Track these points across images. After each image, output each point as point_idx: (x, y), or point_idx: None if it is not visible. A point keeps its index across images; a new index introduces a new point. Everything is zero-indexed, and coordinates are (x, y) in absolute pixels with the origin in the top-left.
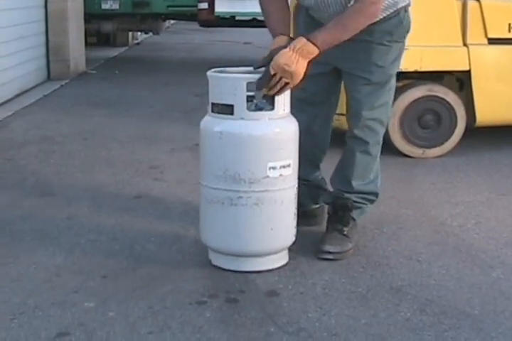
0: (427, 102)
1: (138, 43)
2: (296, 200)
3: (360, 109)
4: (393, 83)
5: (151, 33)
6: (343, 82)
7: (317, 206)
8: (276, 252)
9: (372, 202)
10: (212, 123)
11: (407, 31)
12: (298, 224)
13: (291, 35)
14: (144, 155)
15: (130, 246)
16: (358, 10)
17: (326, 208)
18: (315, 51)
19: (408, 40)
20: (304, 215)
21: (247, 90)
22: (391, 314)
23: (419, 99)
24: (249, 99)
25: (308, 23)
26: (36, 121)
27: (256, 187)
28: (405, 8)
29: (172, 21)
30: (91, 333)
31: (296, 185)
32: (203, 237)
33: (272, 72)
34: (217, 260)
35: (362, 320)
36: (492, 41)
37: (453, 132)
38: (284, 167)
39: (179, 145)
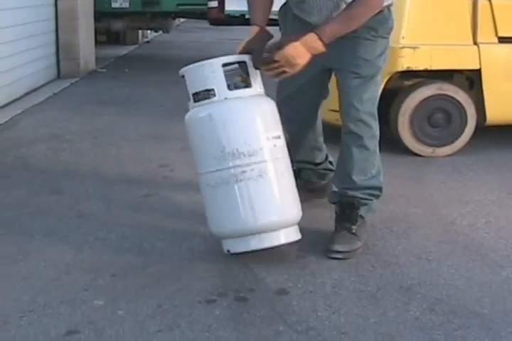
0: (437, 101)
1: (148, 41)
2: (292, 174)
3: (352, 103)
4: (379, 78)
5: (160, 32)
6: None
7: (325, 182)
8: (290, 224)
9: (377, 197)
10: (197, 111)
11: (391, 28)
12: (307, 200)
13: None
14: (154, 153)
15: (139, 245)
16: (362, 2)
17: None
18: (321, 48)
19: (418, 39)
20: (312, 191)
21: (224, 73)
22: (400, 313)
23: (429, 97)
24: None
25: (295, 24)
26: (46, 120)
27: (256, 159)
28: (388, 7)
29: (182, 19)
30: (100, 331)
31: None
32: (216, 228)
33: (277, 58)
34: (234, 246)
35: (371, 318)
36: (502, 40)
37: (463, 131)
38: (275, 138)
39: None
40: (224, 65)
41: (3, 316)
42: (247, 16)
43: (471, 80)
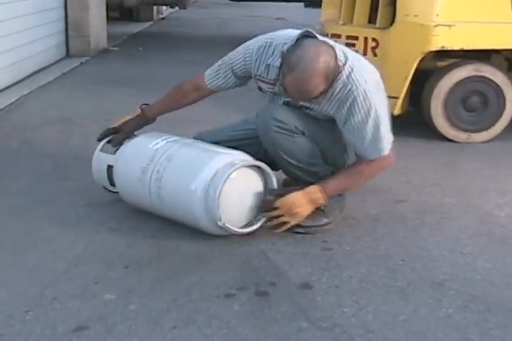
0: (473, 83)
1: (163, 18)
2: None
3: None
4: None
5: (177, 8)
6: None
7: None
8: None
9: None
10: (105, 160)
11: None
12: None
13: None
14: None
15: (153, 236)
16: (373, 162)
17: None
18: (322, 201)
19: (454, 16)
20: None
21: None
22: (432, 310)
23: (465, 79)
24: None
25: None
26: (54, 101)
27: (158, 157)
28: None
29: None
30: (111, 327)
31: (185, 140)
32: (200, 221)
33: (277, 205)
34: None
35: (401, 316)
36: None
37: (501, 115)
38: (159, 142)
39: (206, 127)
40: (101, 150)
41: (8, 311)
42: None
43: (510, 61)
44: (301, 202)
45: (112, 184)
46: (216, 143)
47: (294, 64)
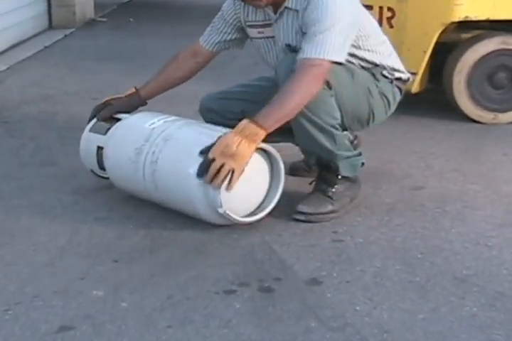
0: (500, 57)
1: None
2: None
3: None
4: None
5: None
6: None
7: None
8: None
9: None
10: (95, 141)
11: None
12: None
13: None
14: None
15: (146, 225)
16: (306, 73)
17: None
18: (260, 132)
19: None
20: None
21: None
22: (454, 308)
23: (491, 53)
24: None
25: None
26: (35, 78)
27: (151, 139)
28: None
29: None
30: (99, 327)
31: (185, 120)
32: (197, 204)
33: (211, 156)
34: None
35: (419, 314)
36: None
37: None
38: (153, 123)
39: None
40: (91, 130)
41: None
42: None
43: None
44: (233, 140)
45: (102, 167)
46: (225, 98)
47: None
